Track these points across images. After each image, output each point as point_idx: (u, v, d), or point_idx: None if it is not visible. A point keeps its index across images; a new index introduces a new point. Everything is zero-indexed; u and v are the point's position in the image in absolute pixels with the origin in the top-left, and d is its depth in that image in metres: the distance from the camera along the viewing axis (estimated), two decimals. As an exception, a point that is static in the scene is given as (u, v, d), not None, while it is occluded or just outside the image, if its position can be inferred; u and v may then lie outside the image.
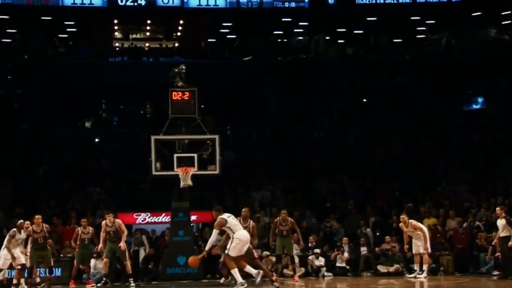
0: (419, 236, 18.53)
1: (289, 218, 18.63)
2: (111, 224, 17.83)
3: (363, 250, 21.18)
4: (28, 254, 17.46)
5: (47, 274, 18.00)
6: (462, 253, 20.79)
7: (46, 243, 17.66)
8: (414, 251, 18.83)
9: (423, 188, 25.32)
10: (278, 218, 18.80)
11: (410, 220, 18.81)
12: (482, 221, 21.50)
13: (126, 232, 18.05)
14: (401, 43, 34.72)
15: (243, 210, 17.65)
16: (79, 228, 18.46)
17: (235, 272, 14.68)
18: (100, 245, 17.93)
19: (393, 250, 20.74)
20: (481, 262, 20.11)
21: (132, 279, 17.82)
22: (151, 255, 20.38)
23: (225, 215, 14.95)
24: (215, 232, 14.93)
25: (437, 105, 31.14)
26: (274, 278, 15.84)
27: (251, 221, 17.69)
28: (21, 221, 17.83)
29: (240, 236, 14.78)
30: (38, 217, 17.62)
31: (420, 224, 18.96)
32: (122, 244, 17.64)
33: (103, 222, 18.13)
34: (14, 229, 17.70)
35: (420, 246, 18.50)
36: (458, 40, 33.89)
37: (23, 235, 17.63)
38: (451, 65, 32.17)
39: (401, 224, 18.91)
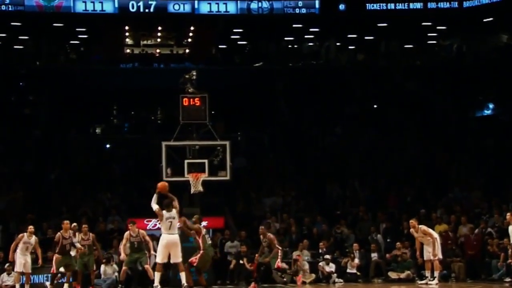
0: (429, 242, 18.45)
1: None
2: (135, 234, 17.60)
3: (374, 256, 21.12)
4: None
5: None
6: (474, 260, 20.69)
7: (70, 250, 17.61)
8: (425, 257, 18.75)
9: (434, 194, 25.23)
10: None
11: (420, 226, 18.72)
12: (495, 228, 21.39)
13: (151, 242, 17.87)
14: (412, 49, 34.67)
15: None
16: (80, 235, 18.36)
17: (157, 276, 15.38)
18: (122, 255, 17.60)
19: (404, 256, 20.68)
20: (493, 268, 20.01)
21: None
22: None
23: (166, 214, 15.48)
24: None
25: (449, 111, 31.06)
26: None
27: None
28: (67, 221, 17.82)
29: (165, 239, 15.29)
30: (66, 222, 17.64)
31: (430, 230, 18.84)
32: (153, 253, 17.50)
33: (127, 232, 17.74)
34: (23, 233, 17.78)
35: (431, 252, 18.42)
36: (469, 46, 33.81)
37: (32, 240, 17.69)
38: (463, 71, 32.07)
39: (411, 230, 18.84)
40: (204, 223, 21.52)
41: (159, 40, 37.49)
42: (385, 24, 32.55)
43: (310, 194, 25.90)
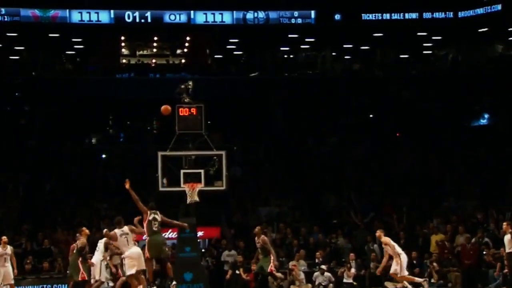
0: (395, 255, 17.40)
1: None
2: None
3: (371, 265, 21.08)
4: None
5: None
6: (471, 269, 20.67)
7: None
8: (391, 271, 17.99)
9: (430, 203, 25.25)
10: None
11: (385, 237, 17.74)
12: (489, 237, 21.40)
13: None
14: (407, 59, 34.79)
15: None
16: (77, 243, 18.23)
17: None
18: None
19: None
20: (490, 278, 19.99)
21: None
22: (157, 271, 20.35)
23: (119, 231, 15.23)
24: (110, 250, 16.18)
25: (444, 121, 31.12)
26: None
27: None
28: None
29: (130, 254, 15.00)
30: (84, 228, 17.61)
31: (392, 245, 17.47)
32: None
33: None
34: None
35: (397, 268, 17.34)
36: (464, 56, 33.95)
37: (8, 249, 17.35)
38: (458, 81, 32.18)
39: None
40: (200, 233, 21.67)
41: (155, 50, 37.57)
42: (380, 34, 32.66)
43: (306, 204, 25.90)
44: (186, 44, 35.96)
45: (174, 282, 16.54)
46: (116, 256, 17.45)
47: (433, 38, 34.00)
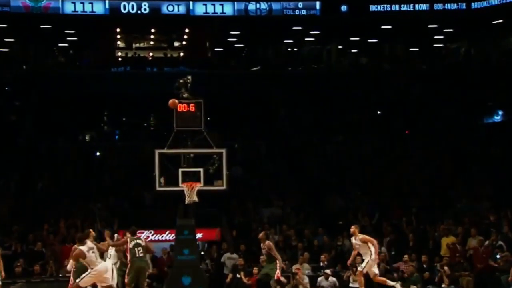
0: (367, 253, 17.24)
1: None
2: None
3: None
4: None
5: None
6: (483, 274, 20.67)
7: None
8: (359, 268, 17.64)
9: (441, 204, 25.28)
10: None
11: (361, 235, 17.53)
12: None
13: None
14: (417, 52, 34.80)
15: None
16: (76, 246, 18.29)
17: None
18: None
19: (409, 270, 20.63)
20: (503, 283, 20.00)
21: None
22: (155, 275, 20.45)
23: (85, 248, 14.79)
24: (71, 263, 15.73)
25: (456, 118, 31.15)
26: None
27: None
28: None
29: (98, 269, 14.83)
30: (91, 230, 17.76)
31: (370, 241, 17.30)
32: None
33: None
34: None
35: (364, 265, 17.21)
36: (478, 49, 33.96)
37: None
38: (471, 75, 32.19)
39: (352, 238, 17.68)
40: (199, 235, 21.73)
41: (152, 43, 37.64)
42: (389, 27, 32.68)
43: (310, 205, 25.94)
44: (185, 37, 36.02)
45: None
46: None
47: (445, 30, 34.02)
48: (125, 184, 26.87)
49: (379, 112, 33.19)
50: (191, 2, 30.75)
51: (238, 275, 20.45)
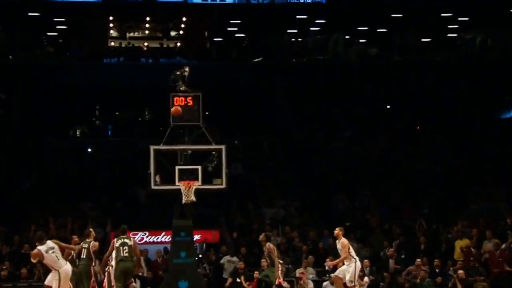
0: (348, 259, 17.12)
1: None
2: None
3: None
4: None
5: None
6: (499, 279, 20.72)
7: None
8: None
9: (455, 205, 25.32)
10: None
11: (344, 239, 17.33)
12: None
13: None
14: (430, 43, 34.79)
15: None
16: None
17: None
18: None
19: (421, 274, 20.66)
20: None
21: None
22: (149, 279, 20.50)
23: (44, 248, 14.51)
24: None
25: (471, 113, 31.18)
26: None
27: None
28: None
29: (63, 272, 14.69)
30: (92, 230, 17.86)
31: (349, 248, 17.05)
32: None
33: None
34: None
35: (346, 272, 17.08)
36: (495, 39, 33.92)
37: None
38: (487, 67, 32.20)
39: (337, 241, 17.63)
40: (197, 237, 21.78)
41: (147, 32, 37.65)
42: (399, 15, 32.68)
43: (315, 205, 25.99)
44: (182, 26, 36.02)
45: None
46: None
47: (459, 19, 34.00)
48: (118, 183, 26.92)
49: (388, 107, 33.21)
50: (189, -11, 30.81)
51: (238, 280, 20.50)
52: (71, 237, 18.89)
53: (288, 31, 34.32)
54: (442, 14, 33.06)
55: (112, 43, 36.25)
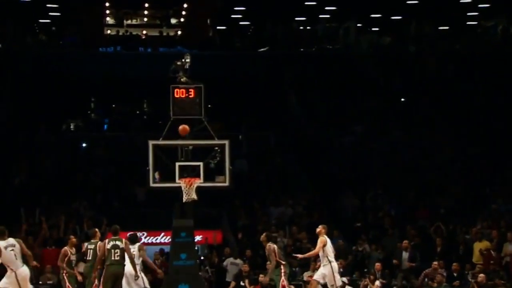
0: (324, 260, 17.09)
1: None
2: None
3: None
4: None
5: None
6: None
7: None
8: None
9: (474, 205, 25.32)
10: None
11: (324, 236, 17.24)
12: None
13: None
14: (448, 31, 34.75)
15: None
16: (66, 248, 18.43)
17: None
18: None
19: (438, 278, 20.67)
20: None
21: None
22: (150, 281, 20.55)
23: (3, 243, 14.07)
24: None
25: (492, 106, 31.12)
26: None
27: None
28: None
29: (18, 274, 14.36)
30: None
31: (325, 246, 17.06)
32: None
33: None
34: None
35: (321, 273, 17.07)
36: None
37: None
38: (509, 57, 32.14)
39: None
40: (198, 238, 21.82)
41: (145, 19, 37.73)
42: (415, 1, 32.65)
43: (324, 204, 26.00)
44: (183, 13, 36.08)
45: None
46: (81, 263, 17.73)
47: (480, 6, 33.96)
48: (114, 180, 26.97)
49: (403, 100, 33.19)
50: (190, -27, 30.87)
51: (242, 283, 20.55)
52: (68, 237, 18.91)
53: (296, 18, 34.33)
54: (461, 1, 33.02)
55: (109, 31, 36.34)
